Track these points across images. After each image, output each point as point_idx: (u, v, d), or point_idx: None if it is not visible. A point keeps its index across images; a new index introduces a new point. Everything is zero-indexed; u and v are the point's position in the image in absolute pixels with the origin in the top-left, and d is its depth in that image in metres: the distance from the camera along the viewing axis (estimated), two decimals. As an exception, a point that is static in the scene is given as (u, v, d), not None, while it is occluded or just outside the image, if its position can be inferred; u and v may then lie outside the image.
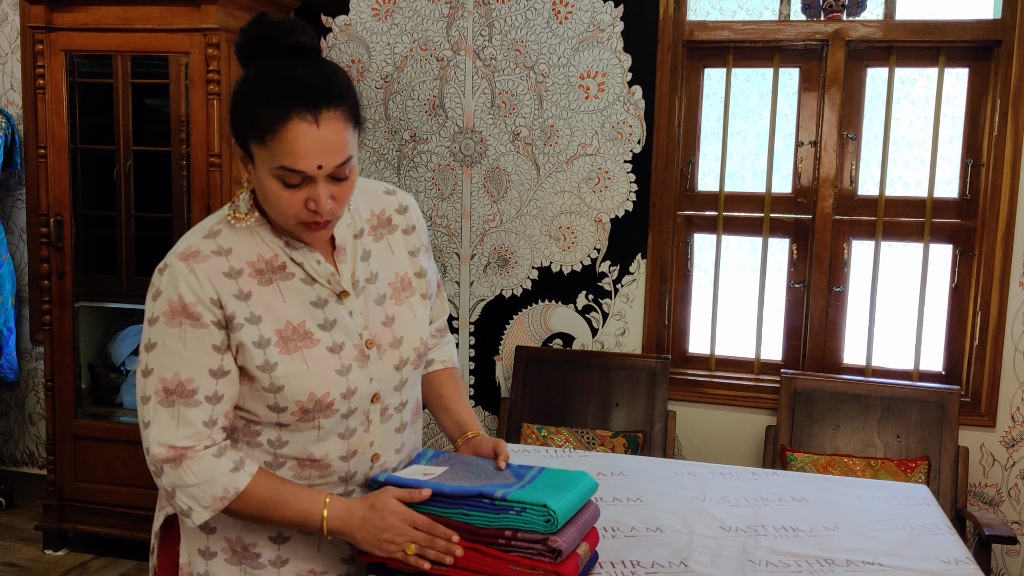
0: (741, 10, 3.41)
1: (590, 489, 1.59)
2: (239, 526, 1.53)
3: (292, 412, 1.46)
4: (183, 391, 1.43)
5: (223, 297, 1.44)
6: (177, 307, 1.43)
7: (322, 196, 1.39)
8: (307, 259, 1.50)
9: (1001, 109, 3.11)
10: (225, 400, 1.46)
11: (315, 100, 1.35)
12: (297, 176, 1.37)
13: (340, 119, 1.38)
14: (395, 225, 1.65)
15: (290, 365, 1.45)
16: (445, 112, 3.55)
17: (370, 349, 1.53)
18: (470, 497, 1.47)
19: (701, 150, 3.48)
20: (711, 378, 3.47)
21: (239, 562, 1.54)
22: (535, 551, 1.45)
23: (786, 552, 1.88)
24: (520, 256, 3.55)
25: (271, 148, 1.36)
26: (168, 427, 1.43)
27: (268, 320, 1.46)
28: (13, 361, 4.00)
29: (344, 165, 1.40)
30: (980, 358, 3.21)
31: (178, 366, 1.43)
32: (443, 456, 1.65)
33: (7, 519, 3.88)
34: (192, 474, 1.42)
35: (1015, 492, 3.21)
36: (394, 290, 1.60)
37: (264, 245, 1.49)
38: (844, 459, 3.05)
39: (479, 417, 3.65)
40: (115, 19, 3.23)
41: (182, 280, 1.43)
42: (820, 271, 3.35)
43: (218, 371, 1.44)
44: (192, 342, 1.43)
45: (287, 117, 1.34)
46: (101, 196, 3.61)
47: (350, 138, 1.40)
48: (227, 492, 1.43)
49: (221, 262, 1.45)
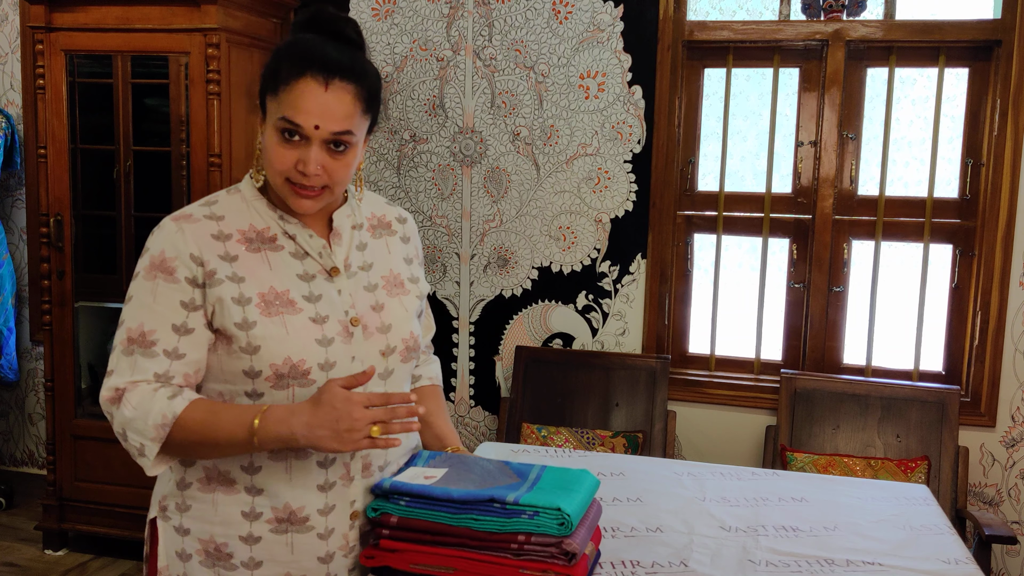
0: (741, 10, 3.41)
1: (594, 487, 1.59)
2: (212, 524, 1.50)
3: (267, 377, 1.45)
4: (144, 341, 1.44)
5: (205, 254, 1.46)
6: (157, 262, 1.46)
7: (312, 159, 1.43)
8: (300, 232, 1.53)
9: (1001, 109, 3.11)
10: (186, 361, 1.45)
11: (331, 68, 1.43)
12: (295, 130, 1.42)
13: (350, 93, 1.44)
14: (393, 230, 1.69)
15: (269, 327, 1.45)
16: (445, 112, 3.55)
17: (355, 327, 1.52)
18: (480, 502, 1.45)
19: (701, 150, 3.48)
20: (711, 378, 3.47)
21: (212, 564, 1.51)
22: (548, 554, 1.44)
23: (786, 552, 1.88)
24: (520, 256, 3.55)
25: (280, 99, 1.43)
26: (123, 374, 1.44)
27: (252, 282, 1.47)
28: (13, 361, 4.01)
29: (342, 135, 1.44)
30: (980, 358, 3.21)
31: (144, 318, 1.45)
32: (440, 457, 1.63)
33: (7, 519, 3.88)
34: (131, 406, 1.42)
35: (1015, 492, 3.21)
36: (387, 283, 1.61)
37: (258, 216, 1.53)
38: (844, 459, 3.05)
39: (479, 417, 3.66)
40: (115, 19, 3.23)
41: (168, 237, 1.47)
42: (820, 271, 3.35)
43: (181, 327, 1.45)
44: (162, 296, 1.45)
45: (301, 74, 1.42)
46: (101, 196, 3.61)
47: (356, 116, 1.45)
48: (165, 418, 1.40)
49: (211, 225, 1.49)
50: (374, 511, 1.52)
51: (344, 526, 1.54)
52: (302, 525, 1.50)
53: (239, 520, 1.50)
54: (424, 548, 1.48)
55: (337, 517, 1.53)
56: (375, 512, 1.51)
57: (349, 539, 1.54)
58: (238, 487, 1.50)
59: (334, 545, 1.53)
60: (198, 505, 1.52)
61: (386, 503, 1.51)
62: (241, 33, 3.30)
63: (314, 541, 1.51)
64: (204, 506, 1.52)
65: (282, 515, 1.50)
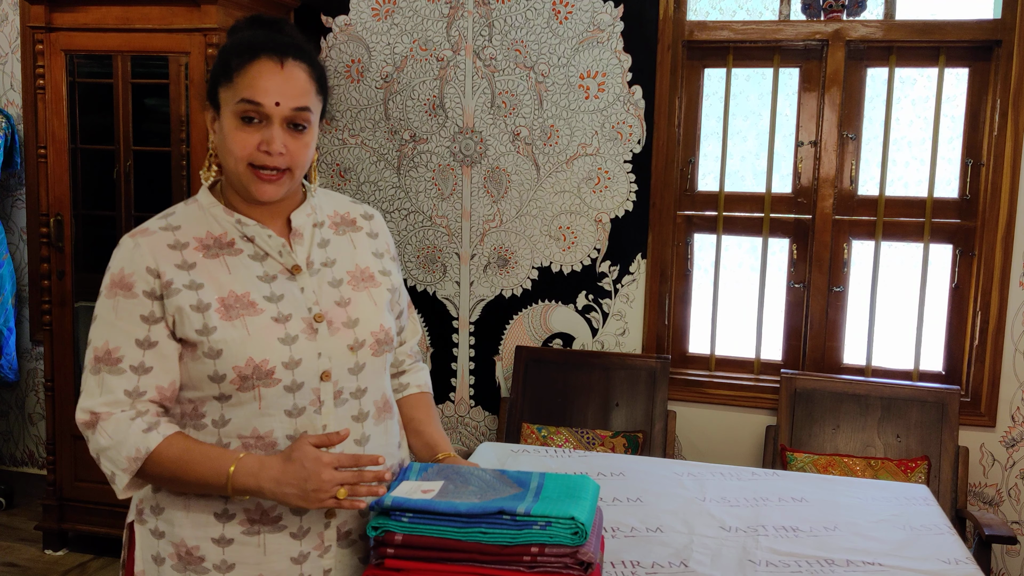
0: (741, 10, 3.41)
1: (597, 493, 1.56)
2: (184, 528, 1.50)
3: (231, 380, 1.45)
4: (109, 359, 1.46)
5: (161, 265, 1.47)
6: (116, 279, 1.48)
7: (276, 137, 1.45)
8: (259, 232, 1.53)
9: (1001, 109, 3.11)
10: (154, 373, 1.46)
11: (282, 49, 1.47)
12: (255, 111, 1.45)
13: (304, 71, 1.49)
14: (359, 226, 1.68)
15: (230, 330, 1.45)
16: (445, 112, 3.55)
17: (319, 323, 1.51)
18: (488, 515, 1.41)
19: (701, 150, 3.48)
20: (711, 378, 3.47)
21: (184, 568, 1.50)
22: (562, 564, 1.40)
23: (786, 552, 1.88)
24: (520, 256, 3.55)
25: (235, 85, 1.45)
26: (93, 394, 1.46)
27: (211, 288, 1.48)
28: (13, 361, 4.01)
29: (302, 111, 1.47)
30: (980, 358, 3.21)
31: (108, 335, 1.47)
32: (432, 468, 1.59)
33: (7, 519, 3.88)
34: (106, 436, 1.44)
35: (1015, 492, 3.21)
36: (352, 278, 1.60)
37: (215, 223, 1.54)
38: (844, 459, 3.05)
39: (479, 417, 3.66)
40: (115, 19, 3.23)
41: (125, 254, 1.49)
42: (820, 271, 3.35)
43: (144, 342, 1.46)
44: (123, 312, 1.46)
45: (255, 57, 1.46)
46: (101, 196, 3.61)
47: (312, 94, 1.49)
48: (139, 452, 1.42)
49: (167, 236, 1.51)
50: (375, 529, 1.46)
51: (319, 526, 1.52)
52: (274, 525, 1.49)
53: (212, 522, 1.50)
54: (432, 566, 1.43)
55: (312, 517, 1.51)
56: (376, 530, 1.46)
57: (324, 539, 1.53)
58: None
59: (308, 545, 1.52)
60: (171, 509, 1.52)
61: (387, 520, 1.45)
62: (241, 33, 3.30)
63: (286, 544, 1.50)
64: (176, 510, 1.51)
65: (254, 516, 1.49)
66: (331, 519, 1.53)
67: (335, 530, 1.54)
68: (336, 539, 1.54)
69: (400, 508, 1.45)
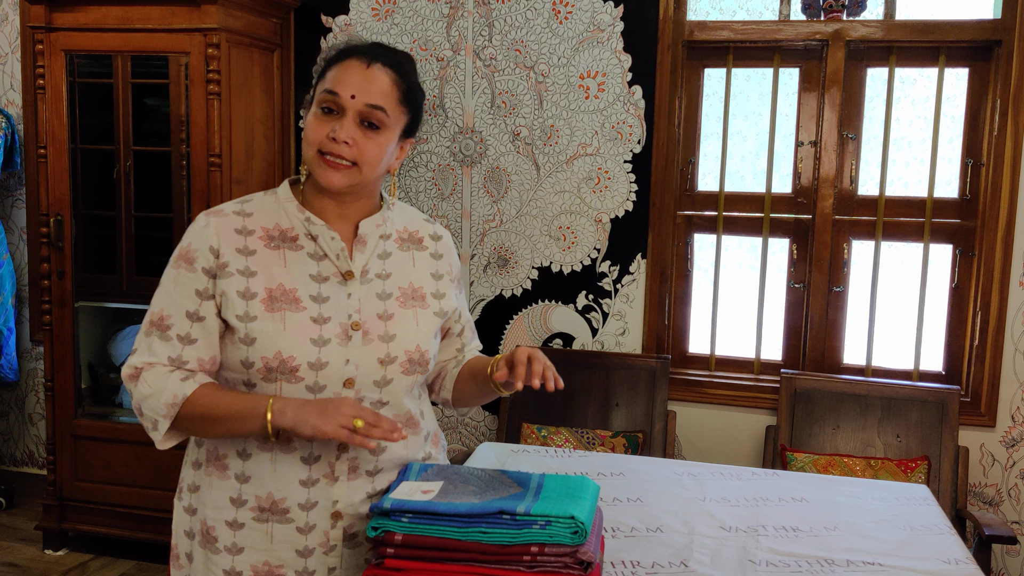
0: (741, 10, 3.41)
1: (597, 493, 1.56)
2: (206, 508, 1.56)
3: (258, 369, 1.51)
4: (161, 325, 1.54)
5: (223, 246, 1.53)
6: (183, 252, 1.55)
7: (344, 127, 1.50)
8: (323, 233, 1.57)
9: (1001, 109, 3.11)
10: (197, 345, 1.53)
11: (373, 54, 1.54)
12: (333, 102, 1.50)
13: (389, 77, 1.53)
14: (424, 245, 1.70)
15: (268, 322, 1.51)
16: (445, 112, 3.55)
17: (355, 331, 1.54)
18: (488, 515, 1.41)
19: (701, 150, 3.48)
20: (711, 378, 3.47)
21: (204, 546, 1.58)
22: (562, 564, 1.40)
23: (786, 552, 1.88)
24: (520, 256, 3.55)
25: (325, 78, 1.54)
26: (142, 354, 1.55)
27: (262, 277, 1.53)
28: (13, 361, 4.01)
29: (375, 109, 1.51)
30: (980, 358, 3.21)
31: (164, 303, 1.55)
32: (432, 469, 1.59)
33: (7, 519, 3.88)
34: (147, 384, 1.51)
35: (1015, 492, 3.21)
36: (402, 294, 1.62)
37: (285, 216, 1.59)
38: (844, 459, 3.05)
39: (479, 417, 3.66)
40: (115, 19, 3.23)
41: (195, 229, 1.56)
42: (820, 271, 3.35)
43: (194, 315, 1.53)
44: (181, 284, 1.54)
45: (347, 56, 1.54)
46: (101, 196, 3.61)
47: (393, 99, 1.53)
48: (176, 398, 1.49)
49: (237, 220, 1.57)
50: (374, 529, 1.46)
51: (326, 524, 1.55)
52: (283, 516, 1.53)
53: (227, 505, 1.55)
54: (432, 566, 1.43)
55: (317, 513, 1.54)
56: (376, 531, 1.46)
57: (330, 537, 1.55)
58: (230, 472, 1.56)
59: (314, 541, 1.55)
60: (203, 488, 1.58)
61: (387, 521, 1.45)
62: (241, 33, 3.30)
63: (292, 535, 1.54)
64: (204, 489, 1.58)
65: (264, 504, 1.54)
66: (337, 520, 1.55)
67: (341, 530, 1.56)
68: (342, 539, 1.56)
69: (400, 509, 1.45)
